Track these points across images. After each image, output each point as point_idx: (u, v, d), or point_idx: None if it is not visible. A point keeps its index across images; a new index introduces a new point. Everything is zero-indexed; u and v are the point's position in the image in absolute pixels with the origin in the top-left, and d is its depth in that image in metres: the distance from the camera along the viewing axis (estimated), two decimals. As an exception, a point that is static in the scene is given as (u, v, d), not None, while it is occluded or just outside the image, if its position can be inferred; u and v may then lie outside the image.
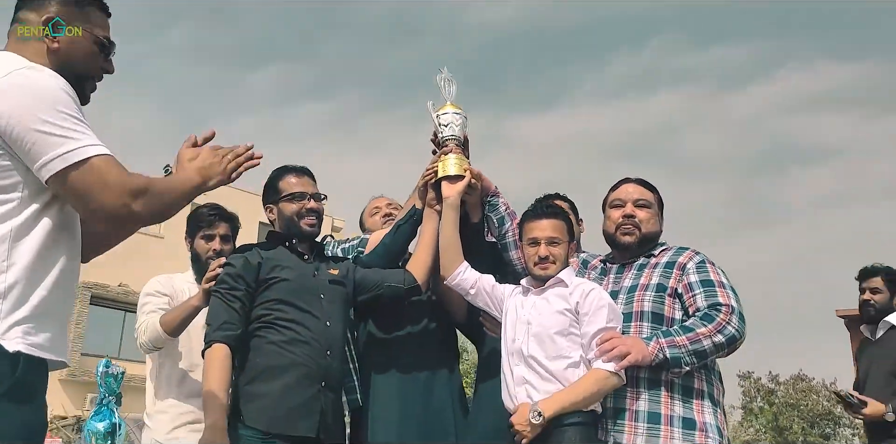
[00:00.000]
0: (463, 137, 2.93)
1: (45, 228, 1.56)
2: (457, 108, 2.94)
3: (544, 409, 2.31)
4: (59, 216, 1.60)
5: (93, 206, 1.56)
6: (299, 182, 2.76)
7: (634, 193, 2.73)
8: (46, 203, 1.58)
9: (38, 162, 1.51)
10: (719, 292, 2.49)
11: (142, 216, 1.61)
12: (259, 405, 2.44)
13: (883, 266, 4.21)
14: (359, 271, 2.81)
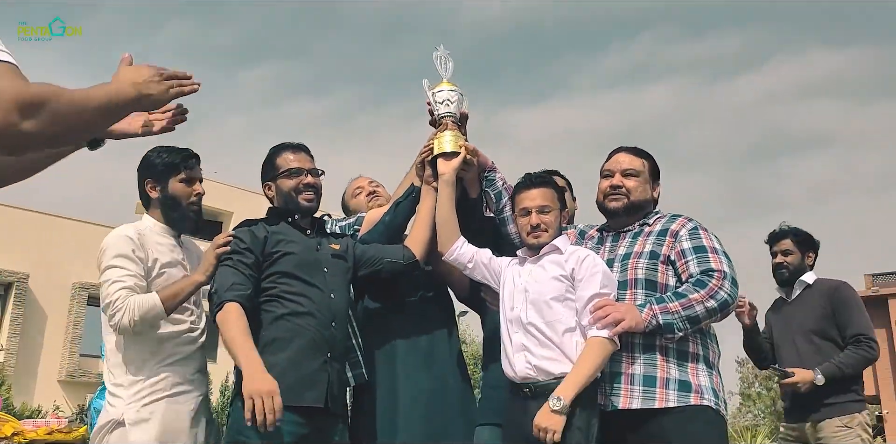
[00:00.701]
0: (459, 115, 2.97)
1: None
2: (452, 85, 2.97)
3: (563, 395, 2.33)
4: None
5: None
6: (296, 158, 2.80)
7: (624, 162, 2.77)
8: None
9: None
10: (711, 257, 2.55)
11: (34, 136, 1.31)
12: None
13: (790, 227, 4.28)
14: (358, 247, 2.86)
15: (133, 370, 2.59)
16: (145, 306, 2.53)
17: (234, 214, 23.71)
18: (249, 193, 24.40)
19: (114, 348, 2.65)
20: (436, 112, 2.95)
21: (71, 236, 20.18)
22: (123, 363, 2.61)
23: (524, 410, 2.48)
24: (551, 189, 2.72)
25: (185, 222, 2.81)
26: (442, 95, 2.94)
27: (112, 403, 2.59)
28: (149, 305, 2.54)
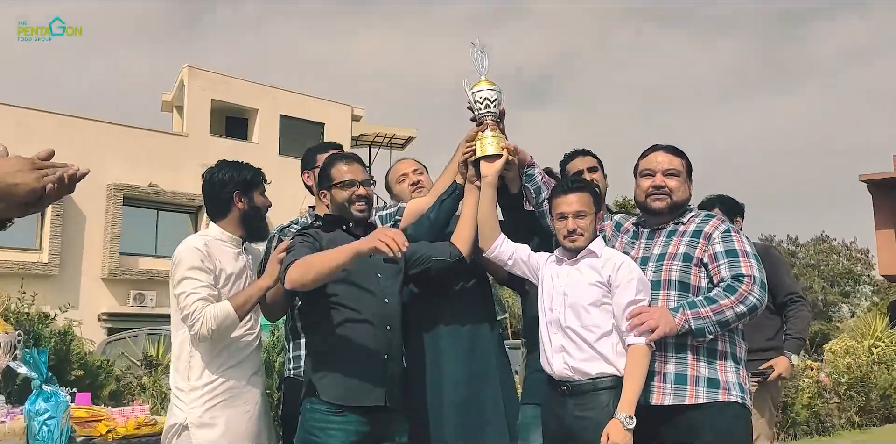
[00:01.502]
0: (499, 112, 3.03)
1: None
2: (491, 84, 3.01)
3: (628, 411, 2.53)
4: None
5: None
6: (349, 170, 2.91)
7: (664, 162, 2.86)
8: None
9: None
10: (742, 261, 2.67)
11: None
12: (330, 381, 2.70)
13: (716, 196, 4.34)
14: (409, 247, 3.00)
15: (194, 376, 2.83)
16: (220, 314, 2.74)
17: (258, 111, 23.70)
18: (272, 90, 24.26)
19: (177, 354, 2.89)
20: (476, 111, 3.01)
21: (103, 139, 20.45)
22: (186, 369, 2.85)
23: (563, 405, 2.72)
24: (588, 194, 2.82)
25: (262, 230, 3.03)
26: (482, 95, 2.99)
27: (177, 405, 2.84)
28: (223, 313, 2.75)
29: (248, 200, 2.98)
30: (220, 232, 2.98)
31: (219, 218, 3.00)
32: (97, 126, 20.70)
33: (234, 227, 2.98)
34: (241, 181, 2.97)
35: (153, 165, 21.25)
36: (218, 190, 2.97)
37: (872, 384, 11.13)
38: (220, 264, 2.89)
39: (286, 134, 24.02)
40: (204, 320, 2.73)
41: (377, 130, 27.00)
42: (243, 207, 2.97)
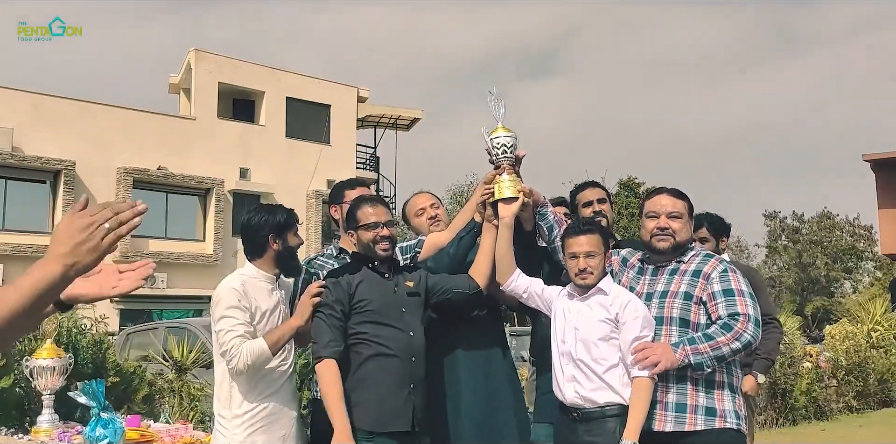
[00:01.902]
0: (515, 157, 3.26)
1: None
2: (508, 130, 3.24)
3: (633, 437, 2.79)
4: None
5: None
6: (374, 212, 3.15)
7: (668, 205, 3.09)
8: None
9: None
10: (738, 300, 2.92)
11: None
12: (362, 410, 2.97)
13: (704, 214, 4.43)
14: (430, 278, 3.25)
15: (235, 404, 3.11)
16: (256, 351, 3.01)
17: (265, 94, 23.84)
18: (278, 72, 24.37)
19: (219, 384, 3.17)
20: (494, 156, 3.24)
21: (113, 123, 20.69)
22: (227, 398, 3.12)
23: (573, 430, 2.99)
24: (598, 235, 3.06)
25: (296, 268, 3.27)
26: (499, 141, 3.22)
27: (221, 432, 3.14)
28: (258, 350, 3.02)
29: (282, 241, 3.20)
30: (256, 271, 3.22)
31: (255, 258, 3.24)
32: (108, 110, 20.91)
33: (270, 266, 3.23)
34: (276, 224, 3.19)
35: (162, 149, 21.48)
36: (254, 233, 3.20)
37: (871, 369, 11.43)
38: (255, 302, 3.13)
39: (293, 116, 24.20)
40: (241, 355, 2.98)
41: (383, 111, 27.14)
42: (278, 249, 3.20)
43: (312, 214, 23.80)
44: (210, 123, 22.67)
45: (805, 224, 42.00)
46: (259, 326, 3.13)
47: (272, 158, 23.49)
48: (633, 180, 30.21)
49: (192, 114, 22.68)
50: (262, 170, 23.23)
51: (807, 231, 41.57)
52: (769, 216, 43.01)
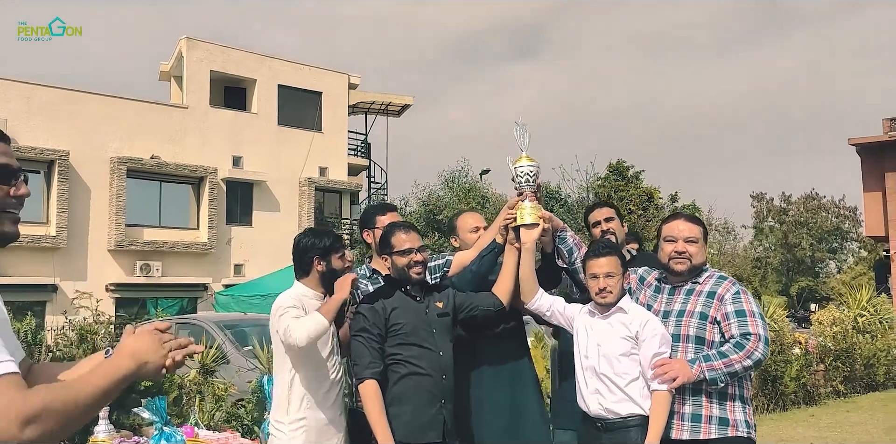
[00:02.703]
0: (536, 185, 3.48)
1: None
2: (531, 160, 3.47)
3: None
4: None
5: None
6: (408, 239, 3.38)
7: (685, 230, 3.33)
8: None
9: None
10: (750, 321, 3.17)
11: (37, 438, 1.42)
12: (397, 424, 3.22)
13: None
14: (458, 297, 3.49)
15: (292, 410, 3.35)
16: (313, 323, 3.17)
17: (256, 82, 23.86)
18: (269, 59, 24.38)
19: (278, 393, 3.42)
20: (518, 184, 3.46)
21: (106, 112, 20.71)
22: (286, 405, 3.36)
23: (597, 438, 3.24)
24: (616, 257, 3.30)
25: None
26: (523, 170, 3.45)
27: (277, 436, 3.38)
28: (315, 321, 3.18)
29: (326, 263, 3.42)
30: (306, 289, 3.45)
31: (301, 276, 3.49)
32: (101, 100, 20.91)
33: (315, 284, 3.46)
34: (322, 248, 3.42)
35: (155, 138, 21.54)
36: (302, 254, 3.45)
37: (857, 354, 11.80)
38: (308, 309, 3.36)
39: (285, 104, 24.26)
40: (303, 329, 3.15)
41: (374, 97, 27.23)
42: (322, 270, 3.42)
43: (305, 201, 23.95)
44: (202, 111, 22.70)
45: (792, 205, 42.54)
46: None
47: (264, 145, 23.58)
48: (622, 164, 30.52)
49: (185, 102, 22.69)
50: (255, 158, 23.33)
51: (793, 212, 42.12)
52: (756, 197, 43.53)
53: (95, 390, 1.52)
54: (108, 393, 1.55)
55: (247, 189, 23.27)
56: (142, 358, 1.61)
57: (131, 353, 1.60)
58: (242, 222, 23.12)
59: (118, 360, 1.59)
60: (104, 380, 1.54)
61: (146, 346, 1.63)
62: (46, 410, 1.42)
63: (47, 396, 1.44)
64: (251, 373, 6.50)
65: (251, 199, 23.31)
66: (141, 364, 1.61)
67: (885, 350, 12.42)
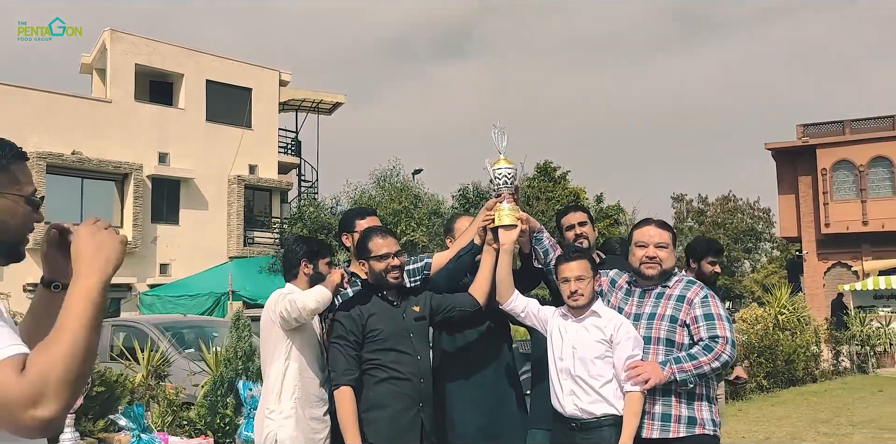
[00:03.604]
0: (514, 187, 3.55)
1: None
2: (509, 162, 3.54)
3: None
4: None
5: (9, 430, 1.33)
6: (385, 243, 3.40)
7: (656, 236, 3.45)
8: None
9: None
10: (718, 324, 3.31)
11: (56, 416, 1.30)
12: (376, 427, 3.25)
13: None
14: (434, 299, 3.53)
15: (284, 400, 3.42)
16: (316, 294, 3.26)
17: (184, 77, 23.34)
18: (197, 54, 23.87)
19: (269, 387, 3.48)
20: (495, 186, 3.53)
21: (23, 105, 19.93)
22: (277, 396, 3.42)
23: (572, 438, 3.33)
24: (586, 261, 3.40)
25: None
26: (501, 172, 3.51)
27: (270, 418, 3.42)
28: (318, 291, 3.26)
29: (313, 266, 3.56)
30: (294, 288, 3.53)
31: (290, 279, 3.60)
32: (18, 92, 20.12)
33: (303, 286, 3.50)
34: (308, 251, 3.58)
35: (76, 132, 20.84)
36: (290, 257, 3.60)
37: (779, 350, 12.33)
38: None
39: (213, 99, 23.80)
40: (308, 294, 3.26)
41: (305, 95, 26.96)
42: (308, 272, 3.55)
43: (234, 199, 23.55)
44: (127, 105, 22.08)
45: (709, 207, 43.96)
46: (299, 327, 3.40)
47: (192, 142, 23.08)
48: (550, 165, 30.97)
49: (108, 96, 22.04)
50: (182, 154, 22.81)
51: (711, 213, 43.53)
52: (676, 199, 44.83)
53: (84, 326, 1.35)
54: (96, 323, 1.38)
55: (173, 186, 22.74)
56: (106, 265, 1.45)
57: (88, 267, 1.44)
58: (169, 220, 22.59)
59: (84, 281, 1.42)
60: (85, 310, 1.37)
61: (94, 247, 1.47)
62: (47, 380, 1.28)
63: (40, 364, 1.30)
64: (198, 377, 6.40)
65: (178, 196, 22.79)
66: (108, 269, 1.45)
67: (804, 347, 13.03)
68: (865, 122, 29.12)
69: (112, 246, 1.50)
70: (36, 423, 1.28)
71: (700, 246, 5.07)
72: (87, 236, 1.50)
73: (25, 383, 1.28)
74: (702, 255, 4.99)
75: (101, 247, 1.48)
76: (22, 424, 1.28)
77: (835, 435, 7.98)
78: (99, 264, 1.45)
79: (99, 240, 1.50)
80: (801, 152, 28.99)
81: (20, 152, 1.62)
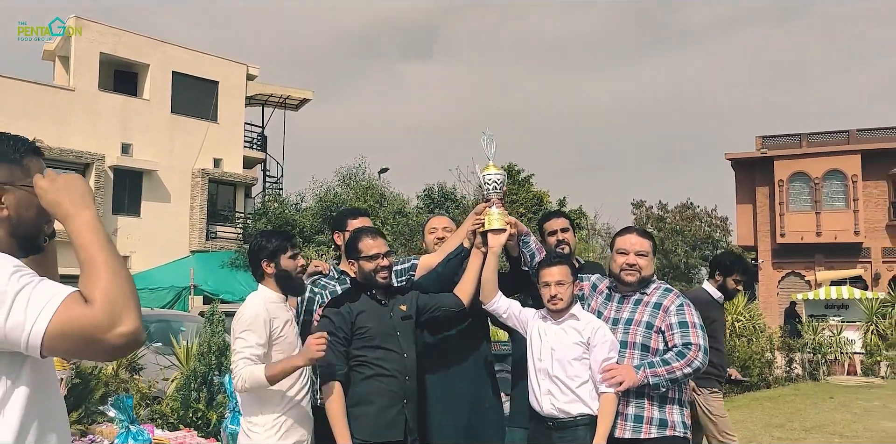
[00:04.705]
0: (503, 192, 3.66)
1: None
2: (498, 169, 3.65)
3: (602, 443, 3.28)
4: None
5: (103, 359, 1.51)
6: (374, 244, 3.48)
7: (637, 244, 3.58)
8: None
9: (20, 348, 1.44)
10: (692, 332, 3.45)
11: (136, 327, 1.44)
12: (361, 423, 3.31)
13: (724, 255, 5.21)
14: (421, 298, 3.61)
15: (261, 412, 3.32)
16: (253, 379, 3.18)
17: (150, 67, 23.07)
18: (164, 45, 23.61)
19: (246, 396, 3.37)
20: (485, 191, 3.64)
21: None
22: (253, 405, 3.33)
23: (548, 436, 3.45)
24: (566, 266, 3.53)
25: (297, 287, 3.47)
26: (490, 178, 3.62)
27: (248, 434, 3.32)
28: (256, 380, 3.18)
29: (275, 264, 3.41)
30: (269, 292, 3.44)
31: (260, 280, 3.48)
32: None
33: (273, 286, 3.45)
34: (267, 250, 3.41)
35: (37, 120, 20.44)
36: (252, 258, 3.47)
37: (735, 357, 12.62)
38: (276, 322, 3.33)
39: (179, 91, 23.56)
40: (240, 378, 3.19)
41: (272, 90, 26.80)
42: (272, 272, 3.41)
43: (198, 193, 23.34)
44: (90, 94, 21.75)
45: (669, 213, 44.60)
46: (278, 341, 3.33)
47: (156, 133, 22.82)
48: (514, 167, 31.22)
49: (71, 84, 21.68)
50: (146, 146, 22.55)
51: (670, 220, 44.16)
52: (636, 205, 45.42)
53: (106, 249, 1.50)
54: (113, 246, 1.52)
55: (136, 178, 22.47)
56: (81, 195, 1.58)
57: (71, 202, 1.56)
58: (130, 212, 22.30)
59: (78, 218, 1.54)
60: (99, 238, 1.51)
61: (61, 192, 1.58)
62: (114, 300, 1.42)
63: (98, 290, 1.43)
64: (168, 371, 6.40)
65: (140, 188, 22.52)
66: (89, 199, 1.58)
67: (760, 353, 13.36)
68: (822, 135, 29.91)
69: (77, 183, 1.61)
70: (123, 339, 1.41)
71: (730, 261, 5.23)
72: (50, 185, 1.59)
73: (98, 309, 1.41)
74: (731, 271, 5.17)
75: (69, 187, 1.58)
76: (110, 344, 1.41)
77: (788, 440, 8.24)
78: (80, 200, 1.57)
79: (63, 183, 1.60)
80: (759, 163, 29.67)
81: (34, 147, 1.70)
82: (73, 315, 1.41)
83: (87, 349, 1.44)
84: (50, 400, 1.62)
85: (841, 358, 15.72)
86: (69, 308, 1.42)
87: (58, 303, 1.42)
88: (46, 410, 1.59)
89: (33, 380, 1.55)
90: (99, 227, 1.55)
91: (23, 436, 1.52)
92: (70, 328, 1.40)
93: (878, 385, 13.85)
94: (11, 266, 1.49)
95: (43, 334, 1.41)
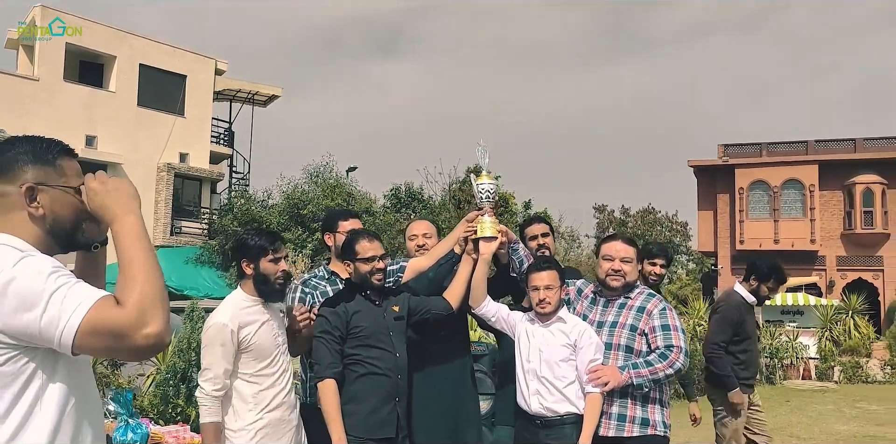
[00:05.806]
0: (495, 201, 3.77)
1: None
2: (492, 178, 3.76)
3: (587, 441, 3.39)
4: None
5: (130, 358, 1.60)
6: (371, 247, 3.55)
7: (622, 251, 3.72)
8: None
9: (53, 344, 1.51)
10: (673, 335, 3.60)
11: (164, 329, 1.52)
12: (354, 420, 3.39)
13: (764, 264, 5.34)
14: (412, 301, 3.69)
15: (239, 418, 3.29)
16: (210, 417, 3.24)
17: (116, 59, 22.77)
18: (131, 37, 23.33)
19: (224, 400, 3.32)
20: (478, 199, 3.73)
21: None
22: (232, 412, 3.30)
23: (535, 434, 3.56)
24: (555, 271, 3.65)
25: (273, 294, 3.39)
26: (484, 187, 3.72)
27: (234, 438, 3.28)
28: (212, 426, 3.24)
29: (255, 266, 3.33)
30: (242, 296, 3.38)
31: (239, 279, 3.44)
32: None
33: (250, 289, 3.38)
34: (248, 249, 3.34)
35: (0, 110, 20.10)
36: (234, 255, 3.41)
37: (696, 360, 12.88)
38: (248, 328, 3.29)
39: (146, 84, 23.27)
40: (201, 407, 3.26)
41: (241, 85, 26.61)
42: (251, 273, 3.34)
43: (163, 187, 23.09)
44: (55, 85, 21.40)
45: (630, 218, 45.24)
46: (252, 346, 3.30)
47: (121, 126, 22.52)
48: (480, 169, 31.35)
49: (35, 74, 21.31)
50: (111, 138, 22.24)
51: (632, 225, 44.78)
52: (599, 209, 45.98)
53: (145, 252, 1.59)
54: (153, 251, 1.61)
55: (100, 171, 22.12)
56: (128, 198, 1.68)
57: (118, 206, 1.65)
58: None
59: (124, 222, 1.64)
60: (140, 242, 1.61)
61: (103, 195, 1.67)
62: (144, 303, 1.50)
63: (132, 293, 1.51)
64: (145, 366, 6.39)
65: (104, 181, 22.18)
66: (135, 204, 1.68)
67: (719, 357, 13.62)
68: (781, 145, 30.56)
69: (126, 187, 1.70)
70: (150, 340, 1.50)
71: (768, 268, 5.32)
72: (101, 187, 1.69)
73: (129, 310, 1.50)
74: (767, 278, 5.30)
75: (119, 191, 1.68)
76: (136, 344, 1.49)
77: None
78: (126, 204, 1.67)
79: (113, 186, 1.68)
80: (720, 171, 30.23)
81: (67, 149, 1.78)
82: (105, 315, 1.49)
83: (115, 348, 1.52)
84: (86, 399, 1.68)
85: (796, 363, 16.14)
86: (101, 308, 1.49)
87: (91, 303, 1.50)
88: (83, 408, 1.65)
89: (69, 378, 1.62)
90: (142, 232, 1.64)
91: (60, 431, 1.58)
92: (101, 327, 1.48)
93: (832, 390, 14.26)
94: (51, 267, 1.57)
95: (75, 331, 1.48)
